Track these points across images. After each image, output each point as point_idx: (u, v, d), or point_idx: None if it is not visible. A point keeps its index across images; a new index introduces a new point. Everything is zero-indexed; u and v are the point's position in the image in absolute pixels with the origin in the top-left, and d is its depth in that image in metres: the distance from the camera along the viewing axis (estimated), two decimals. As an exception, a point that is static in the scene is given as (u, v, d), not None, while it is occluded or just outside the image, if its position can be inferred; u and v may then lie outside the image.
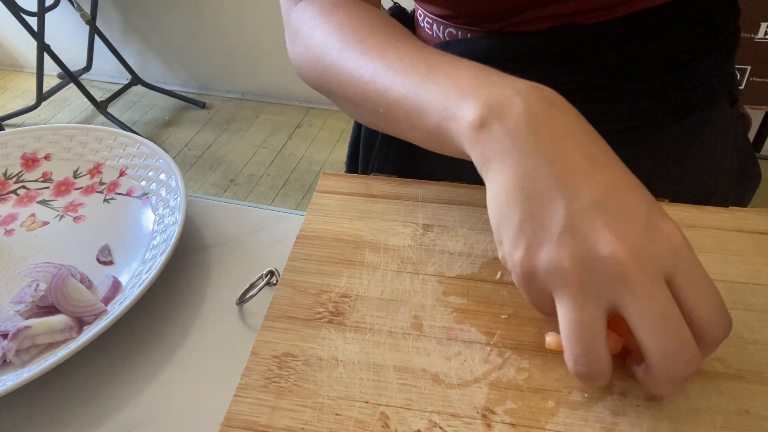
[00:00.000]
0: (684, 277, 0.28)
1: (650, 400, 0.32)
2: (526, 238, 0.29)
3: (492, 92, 0.32)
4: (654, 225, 0.28)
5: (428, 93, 0.34)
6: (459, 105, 0.32)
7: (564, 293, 0.28)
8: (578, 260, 0.27)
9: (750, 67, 1.38)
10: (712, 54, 0.52)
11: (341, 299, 0.39)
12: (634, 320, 0.27)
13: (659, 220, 0.28)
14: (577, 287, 0.27)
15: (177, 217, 0.46)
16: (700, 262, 0.28)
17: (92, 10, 2.19)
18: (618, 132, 0.53)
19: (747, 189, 0.63)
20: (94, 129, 0.58)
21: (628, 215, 0.28)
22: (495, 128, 0.30)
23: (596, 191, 0.28)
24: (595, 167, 0.29)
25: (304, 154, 2.15)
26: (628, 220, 0.27)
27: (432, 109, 0.34)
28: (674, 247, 0.28)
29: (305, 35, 0.44)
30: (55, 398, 0.39)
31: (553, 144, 0.29)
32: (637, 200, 0.28)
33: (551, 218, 0.28)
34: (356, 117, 0.45)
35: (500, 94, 0.31)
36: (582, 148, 0.30)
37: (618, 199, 0.28)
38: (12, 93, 2.56)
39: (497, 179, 0.30)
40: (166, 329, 0.42)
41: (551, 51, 0.51)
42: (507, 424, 0.32)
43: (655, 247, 0.27)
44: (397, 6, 0.65)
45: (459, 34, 0.55)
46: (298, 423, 0.32)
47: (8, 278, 0.46)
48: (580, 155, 0.29)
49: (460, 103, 0.32)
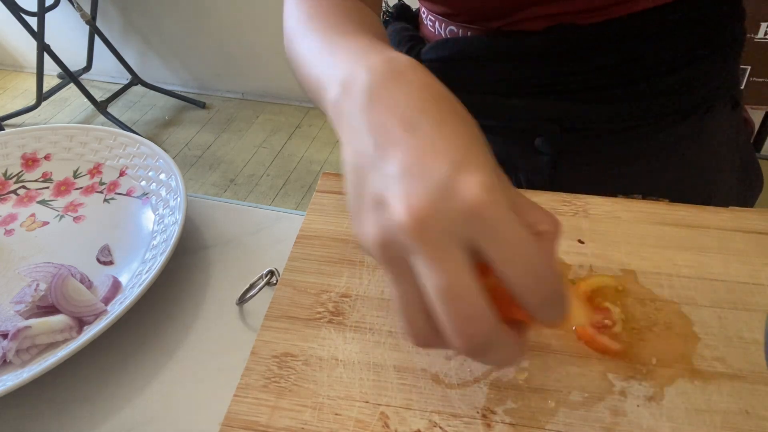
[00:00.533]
0: (486, 240, 0.25)
1: (650, 400, 0.32)
2: (355, 214, 0.29)
3: (349, 67, 0.32)
4: (452, 187, 0.25)
5: (321, 69, 0.35)
6: (328, 82, 0.33)
7: (385, 269, 0.27)
8: (380, 233, 0.26)
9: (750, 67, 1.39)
10: (713, 56, 0.52)
11: (341, 299, 0.39)
12: (430, 291, 0.25)
13: (462, 181, 0.25)
14: (384, 260, 0.27)
15: (177, 217, 0.46)
16: (511, 219, 0.25)
17: (92, 10, 2.19)
18: (617, 131, 0.53)
19: (748, 196, 0.63)
20: (94, 129, 0.58)
21: (426, 178, 0.26)
22: (344, 105, 0.31)
23: (404, 158, 0.27)
24: (409, 134, 0.28)
25: (304, 154, 2.15)
26: (424, 184, 0.26)
27: (319, 80, 0.35)
28: (469, 208, 0.25)
29: (285, 18, 0.46)
30: (55, 398, 0.39)
31: (380, 116, 0.29)
32: (441, 162, 0.26)
33: (366, 192, 0.28)
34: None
35: (353, 70, 0.31)
36: (404, 116, 0.28)
37: (422, 162, 0.26)
38: (12, 93, 2.56)
39: (342, 155, 0.30)
40: (166, 329, 0.42)
41: (550, 50, 0.51)
42: (507, 424, 0.32)
43: (446, 212, 0.25)
44: (402, 4, 0.66)
45: (459, 32, 0.55)
46: (298, 423, 0.32)
47: (8, 278, 0.46)
48: (400, 123, 0.28)
49: (328, 79, 0.33)
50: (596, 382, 0.33)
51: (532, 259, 0.25)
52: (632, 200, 0.45)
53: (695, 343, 0.35)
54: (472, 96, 0.55)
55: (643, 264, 0.40)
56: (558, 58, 0.51)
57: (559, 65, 0.51)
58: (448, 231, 0.25)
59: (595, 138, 0.54)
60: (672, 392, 0.33)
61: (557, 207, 0.44)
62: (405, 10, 0.65)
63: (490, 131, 0.56)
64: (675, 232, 0.42)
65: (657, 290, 0.39)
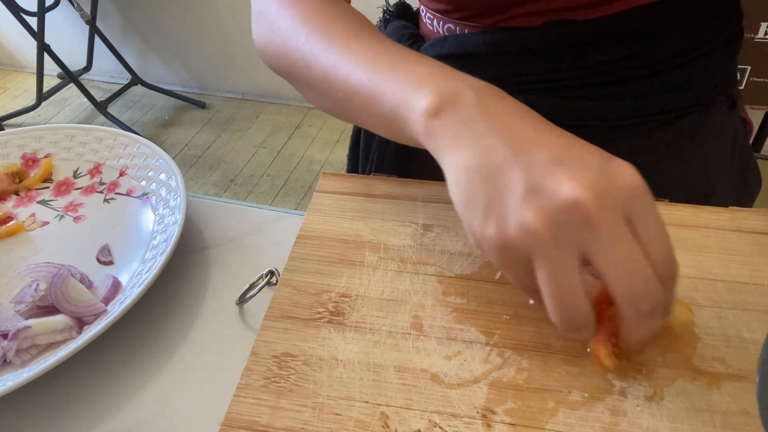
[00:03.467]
0: (641, 217, 0.28)
1: (650, 399, 0.32)
2: (494, 212, 0.30)
3: (446, 84, 0.34)
4: (611, 169, 0.29)
5: (386, 81, 0.36)
6: (414, 93, 0.34)
7: (541, 254, 0.29)
8: (545, 215, 0.28)
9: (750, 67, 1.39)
10: (711, 56, 0.52)
11: (341, 299, 0.39)
12: (602, 263, 0.28)
13: (616, 165, 0.29)
14: (552, 243, 0.28)
15: (177, 217, 0.46)
16: (654, 203, 0.29)
17: (92, 10, 2.19)
18: (614, 128, 0.53)
19: (746, 196, 0.63)
20: (94, 129, 0.58)
21: (584, 164, 0.29)
22: (449, 116, 0.32)
23: (550, 151, 0.29)
24: (545, 134, 0.31)
25: (304, 154, 2.15)
26: (585, 168, 0.28)
27: (388, 96, 0.36)
28: (632, 188, 0.28)
29: (271, 18, 0.45)
30: (55, 398, 0.39)
31: (504, 124, 0.31)
32: (590, 152, 0.30)
33: (513, 186, 0.29)
34: (315, 102, 0.46)
35: (453, 86, 0.33)
36: (530, 124, 0.31)
37: (572, 153, 0.29)
38: (12, 93, 2.56)
39: (455, 164, 0.31)
40: (166, 329, 0.42)
41: (546, 47, 0.51)
42: (507, 424, 0.32)
43: (614, 189, 0.28)
44: (402, 2, 0.66)
45: (457, 30, 0.55)
46: (298, 423, 0.32)
47: (8, 278, 0.46)
48: (530, 128, 0.31)
49: (414, 91, 0.34)
50: (596, 382, 0.33)
51: (668, 238, 0.29)
52: (632, 200, 0.45)
53: (695, 343, 0.35)
54: None
55: (643, 264, 0.40)
56: (554, 54, 0.51)
57: (555, 62, 0.51)
58: (618, 207, 0.28)
59: (590, 135, 0.54)
60: (672, 392, 0.33)
61: (557, 207, 0.44)
62: (405, 9, 0.66)
63: None
64: (675, 232, 0.42)
65: (657, 290, 0.39)
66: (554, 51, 0.51)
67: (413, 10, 0.66)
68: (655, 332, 0.31)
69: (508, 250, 0.30)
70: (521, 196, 0.28)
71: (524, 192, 0.28)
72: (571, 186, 0.27)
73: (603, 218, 0.27)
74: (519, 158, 0.29)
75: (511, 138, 0.30)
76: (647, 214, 0.29)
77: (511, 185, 0.29)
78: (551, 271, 0.29)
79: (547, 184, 0.28)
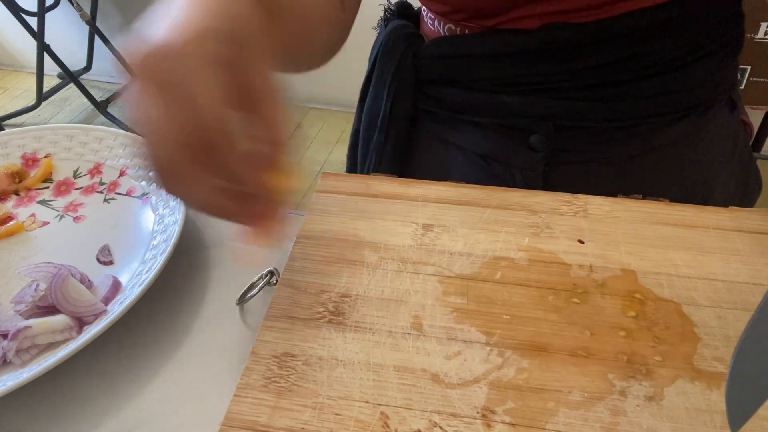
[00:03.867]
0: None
1: (650, 399, 0.32)
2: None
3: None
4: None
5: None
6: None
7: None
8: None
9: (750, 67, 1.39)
10: (711, 57, 0.52)
11: (341, 299, 0.39)
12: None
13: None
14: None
15: (177, 217, 0.46)
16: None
17: (92, 10, 2.19)
18: (613, 130, 0.53)
19: (746, 200, 0.63)
20: (94, 129, 0.58)
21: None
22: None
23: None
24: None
25: (304, 154, 2.15)
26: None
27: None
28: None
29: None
30: (55, 398, 0.39)
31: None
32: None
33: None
34: None
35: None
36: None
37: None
38: (12, 93, 2.56)
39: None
40: (166, 329, 0.42)
41: (545, 48, 0.51)
42: (507, 424, 0.32)
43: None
44: (403, 2, 0.66)
45: (458, 31, 0.55)
46: (298, 423, 0.32)
47: (8, 278, 0.46)
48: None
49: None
50: (596, 382, 0.33)
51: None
52: (632, 200, 0.45)
53: (695, 343, 0.35)
54: (468, 93, 0.55)
55: (643, 264, 0.40)
56: (553, 56, 0.51)
57: (553, 63, 0.51)
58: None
59: (589, 136, 0.54)
60: (672, 392, 0.33)
61: (557, 207, 0.45)
62: (406, 8, 0.66)
63: (485, 128, 0.56)
64: (675, 232, 0.42)
65: (657, 290, 0.39)
66: (553, 53, 0.51)
67: (414, 10, 0.66)
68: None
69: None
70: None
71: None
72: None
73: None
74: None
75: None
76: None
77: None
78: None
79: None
